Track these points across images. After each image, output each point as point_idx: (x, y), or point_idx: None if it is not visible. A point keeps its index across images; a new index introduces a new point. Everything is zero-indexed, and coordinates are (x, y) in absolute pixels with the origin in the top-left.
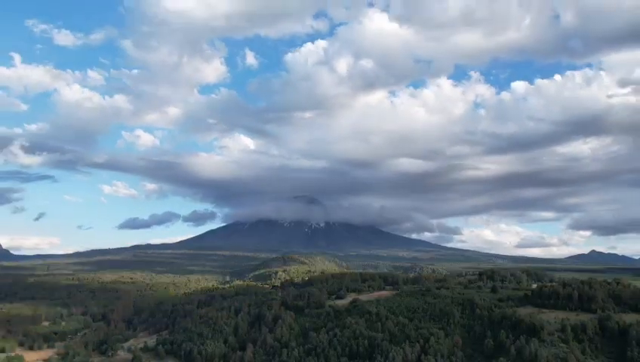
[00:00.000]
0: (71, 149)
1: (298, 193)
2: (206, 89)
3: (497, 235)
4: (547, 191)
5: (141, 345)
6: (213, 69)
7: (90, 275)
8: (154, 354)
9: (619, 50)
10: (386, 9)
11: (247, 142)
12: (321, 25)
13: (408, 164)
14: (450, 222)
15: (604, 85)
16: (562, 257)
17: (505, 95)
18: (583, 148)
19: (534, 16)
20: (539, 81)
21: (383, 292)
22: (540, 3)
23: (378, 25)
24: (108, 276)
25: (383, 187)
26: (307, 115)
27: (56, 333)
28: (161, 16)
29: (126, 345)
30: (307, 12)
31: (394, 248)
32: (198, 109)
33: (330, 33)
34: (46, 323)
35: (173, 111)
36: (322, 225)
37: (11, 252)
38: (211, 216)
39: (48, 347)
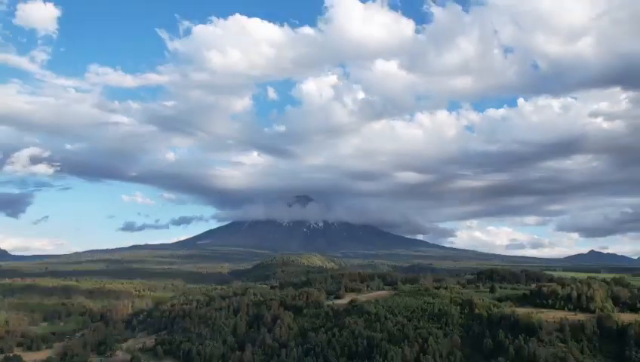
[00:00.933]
0: (99, 165)
1: (297, 193)
2: (232, 117)
3: (488, 237)
4: (535, 199)
5: (140, 346)
6: (242, 103)
7: (88, 274)
8: (152, 355)
9: (586, 90)
10: (395, 60)
11: (261, 159)
12: (338, 71)
13: (406, 177)
14: (443, 225)
15: (580, 113)
16: (561, 257)
17: (494, 119)
18: (567, 163)
19: (517, 66)
20: (523, 109)
21: (382, 292)
22: (521, 55)
23: (387, 70)
24: (106, 276)
25: (383, 195)
26: (319, 137)
27: (54, 334)
28: (209, 68)
29: (124, 345)
30: (328, 64)
31: (393, 248)
32: (222, 133)
33: (344, 76)
34: (44, 324)
35: (200, 134)
36: (321, 224)
37: (9, 252)
38: (200, 219)
39: (47, 347)
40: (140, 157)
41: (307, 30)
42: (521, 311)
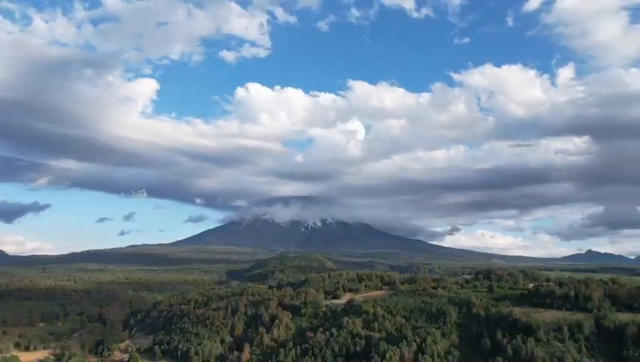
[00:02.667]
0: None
1: (295, 193)
2: (267, 155)
3: (474, 240)
4: (514, 212)
5: (137, 346)
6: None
7: (86, 275)
8: (150, 355)
9: (551, 137)
10: (403, 119)
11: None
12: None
13: (403, 195)
14: (433, 229)
15: (548, 151)
16: (558, 256)
17: (478, 153)
18: (542, 185)
19: (495, 120)
20: (500, 147)
21: (380, 292)
22: (498, 114)
23: (395, 124)
24: (104, 276)
25: (381, 206)
26: (332, 166)
27: (52, 334)
28: (260, 124)
29: (122, 345)
30: (349, 121)
31: (390, 248)
32: (258, 164)
33: (358, 125)
34: (42, 324)
35: (243, 166)
36: (319, 224)
37: (7, 253)
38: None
39: (44, 347)
40: (186, 182)
41: (333, 97)
42: (519, 310)
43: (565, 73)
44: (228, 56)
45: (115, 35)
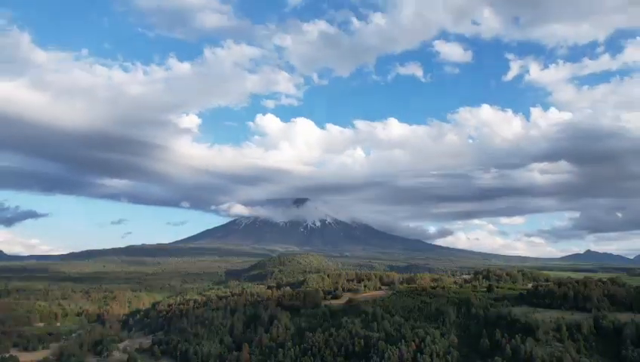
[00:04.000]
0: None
1: (295, 194)
2: (284, 175)
3: (469, 242)
4: (501, 218)
5: (136, 346)
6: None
7: (84, 274)
8: (149, 355)
9: (534, 163)
10: (406, 149)
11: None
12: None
13: (401, 204)
14: (428, 232)
15: (533, 171)
16: (557, 256)
17: (469, 173)
18: (526, 198)
19: (483, 147)
20: (490, 165)
21: (379, 292)
22: (484, 142)
23: (395, 150)
24: (103, 276)
25: (378, 211)
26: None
27: (50, 334)
28: (280, 150)
29: (121, 345)
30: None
31: (389, 247)
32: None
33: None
34: (41, 324)
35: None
36: (318, 224)
37: (5, 252)
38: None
39: (43, 348)
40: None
41: (343, 129)
42: (517, 310)
43: (536, 113)
44: (269, 103)
45: (178, 89)
